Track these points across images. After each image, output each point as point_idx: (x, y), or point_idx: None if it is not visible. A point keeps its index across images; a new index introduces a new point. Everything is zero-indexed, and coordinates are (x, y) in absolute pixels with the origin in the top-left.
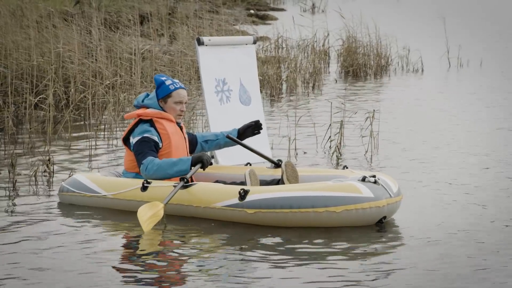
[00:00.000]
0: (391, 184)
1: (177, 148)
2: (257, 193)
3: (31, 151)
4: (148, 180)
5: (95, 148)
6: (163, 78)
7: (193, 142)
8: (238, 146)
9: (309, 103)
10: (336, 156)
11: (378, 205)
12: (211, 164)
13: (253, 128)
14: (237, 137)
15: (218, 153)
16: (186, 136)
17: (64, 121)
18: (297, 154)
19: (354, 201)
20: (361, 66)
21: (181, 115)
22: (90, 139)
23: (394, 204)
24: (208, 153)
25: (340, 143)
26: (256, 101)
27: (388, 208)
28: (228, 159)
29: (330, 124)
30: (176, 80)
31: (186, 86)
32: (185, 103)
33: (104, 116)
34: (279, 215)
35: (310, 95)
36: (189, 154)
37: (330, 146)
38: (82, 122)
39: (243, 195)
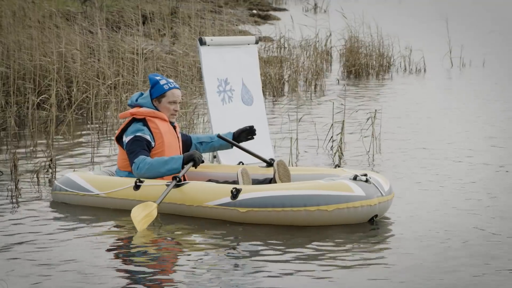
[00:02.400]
0: (382, 183)
1: (169, 147)
2: (249, 192)
3: (34, 151)
4: (141, 179)
5: (97, 148)
6: (158, 78)
7: (187, 143)
8: None
9: (311, 103)
10: (338, 156)
11: (370, 203)
12: (202, 162)
13: (247, 133)
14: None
15: (220, 152)
16: (179, 135)
17: (66, 121)
18: (298, 153)
19: (345, 199)
20: (363, 66)
21: (174, 115)
22: (92, 139)
23: (386, 202)
24: (210, 153)
25: (342, 143)
26: (258, 101)
27: (380, 207)
28: (230, 158)
29: (332, 124)
30: (171, 80)
31: (187, 86)
32: (179, 103)
33: (106, 116)
34: (271, 214)
35: (312, 95)
36: (182, 153)
37: (332, 146)
38: (84, 122)
39: (235, 194)
